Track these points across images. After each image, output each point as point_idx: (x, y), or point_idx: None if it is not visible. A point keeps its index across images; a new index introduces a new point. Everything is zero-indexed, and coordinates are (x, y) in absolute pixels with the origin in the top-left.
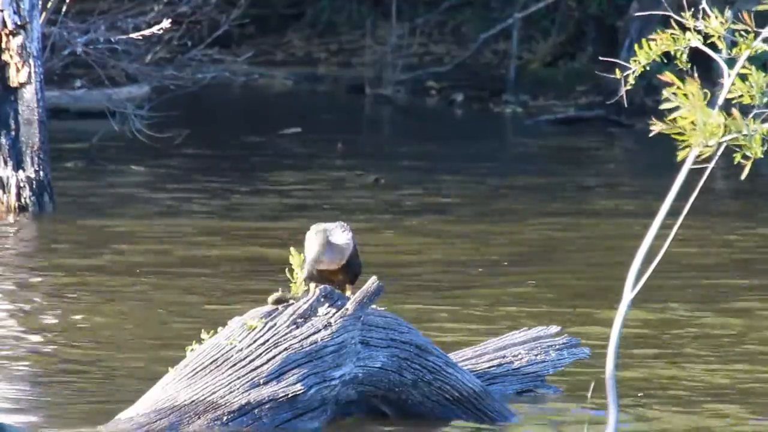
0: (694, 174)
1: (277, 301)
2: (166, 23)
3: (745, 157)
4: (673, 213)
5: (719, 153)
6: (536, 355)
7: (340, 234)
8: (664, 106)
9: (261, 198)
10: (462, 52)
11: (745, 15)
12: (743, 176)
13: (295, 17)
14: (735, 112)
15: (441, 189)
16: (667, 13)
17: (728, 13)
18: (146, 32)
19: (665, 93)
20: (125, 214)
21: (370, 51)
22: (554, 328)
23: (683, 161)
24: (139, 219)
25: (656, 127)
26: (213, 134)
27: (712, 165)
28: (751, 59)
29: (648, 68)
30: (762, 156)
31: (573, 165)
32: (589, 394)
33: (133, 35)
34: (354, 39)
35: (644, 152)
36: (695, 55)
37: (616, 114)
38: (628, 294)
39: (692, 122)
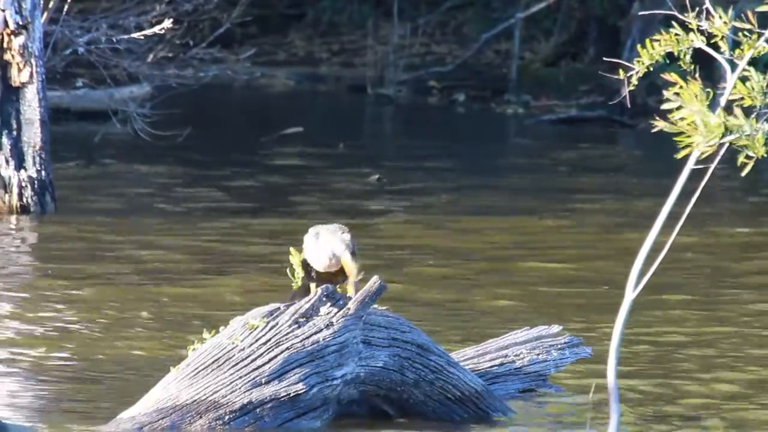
0: (699, 174)
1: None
2: (167, 23)
3: (748, 157)
4: (676, 214)
5: (721, 153)
6: (538, 355)
7: (339, 236)
8: (666, 106)
9: (261, 197)
10: (464, 51)
11: (749, 14)
12: (743, 173)
13: (297, 17)
14: (737, 111)
15: (442, 188)
16: (670, 12)
17: (731, 13)
18: (148, 32)
19: (666, 93)
20: (127, 214)
21: (371, 51)
22: (556, 328)
23: (686, 161)
24: (142, 218)
25: (658, 125)
26: (214, 134)
27: (713, 166)
28: (757, 61)
29: (651, 68)
30: (765, 155)
31: (575, 165)
32: (590, 394)
33: (135, 35)
34: (356, 39)
35: (647, 152)
36: (699, 54)
37: (618, 114)
38: (630, 294)
39: (692, 122)
